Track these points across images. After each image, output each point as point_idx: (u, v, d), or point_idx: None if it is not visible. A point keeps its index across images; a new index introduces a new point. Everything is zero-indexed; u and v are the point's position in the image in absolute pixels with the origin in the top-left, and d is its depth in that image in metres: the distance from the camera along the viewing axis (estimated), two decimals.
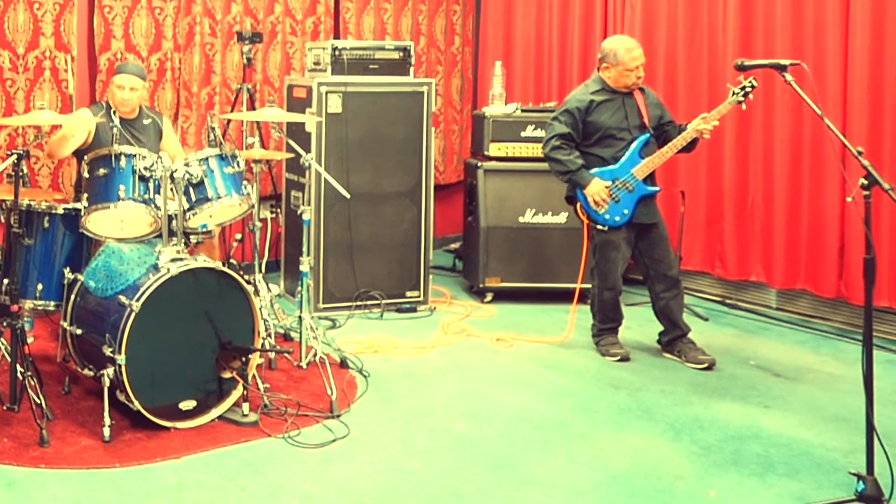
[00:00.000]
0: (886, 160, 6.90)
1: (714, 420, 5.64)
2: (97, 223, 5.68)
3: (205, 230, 5.91)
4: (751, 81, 6.35)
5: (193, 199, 5.76)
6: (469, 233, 8.51)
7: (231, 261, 7.27)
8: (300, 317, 6.43)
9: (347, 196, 6.77)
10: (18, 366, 5.37)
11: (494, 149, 8.32)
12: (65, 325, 5.68)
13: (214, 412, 5.46)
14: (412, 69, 8.00)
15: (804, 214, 7.49)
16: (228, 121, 8.18)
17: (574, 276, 7.40)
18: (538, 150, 7.80)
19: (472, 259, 8.38)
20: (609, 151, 6.68)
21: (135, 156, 5.64)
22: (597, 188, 6.58)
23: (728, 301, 8.17)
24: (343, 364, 6.43)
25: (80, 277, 5.67)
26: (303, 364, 6.35)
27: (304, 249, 6.46)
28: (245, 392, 5.43)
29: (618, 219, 6.62)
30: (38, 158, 7.67)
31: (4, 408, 5.46)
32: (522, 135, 8.29)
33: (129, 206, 5.59)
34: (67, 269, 5.74)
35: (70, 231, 5.86)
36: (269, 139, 8.59)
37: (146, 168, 5.62)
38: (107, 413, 5.17)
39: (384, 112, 7.83)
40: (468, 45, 10.29)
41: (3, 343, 5.65)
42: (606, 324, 6.87)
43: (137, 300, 5.19)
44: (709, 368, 6.51)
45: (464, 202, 8.68)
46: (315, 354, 6.25)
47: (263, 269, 7.02)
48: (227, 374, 5.45)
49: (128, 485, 4.70)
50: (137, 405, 5.19)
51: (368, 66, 7.84)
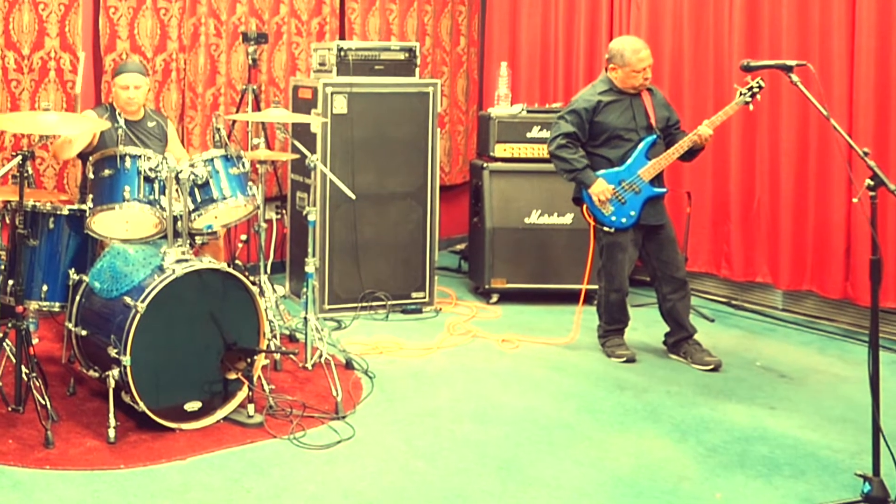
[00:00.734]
0: (892, 161, 6.90)
1: (720, 421, 5.63)
2: (102, 224, 5.69)
3: (210, 231, 5.94)
4: (758, 82, 6.34)
5: (199, 200, 5.75)
6: (475, 234, 8.50)
7: (236, 262, 7.25)
8: (305, 318, 6.41)
9: (353, 197, 6.76)
10: (23, 367, 5.37)
11: (500, 150, 8.31)
12: (70, 327, 5.68)
13: (220, 413, 5.46)
14: (417, 70, 7.99)
15: (810, 215, 7.48)
16: (234, 122, 8.18)
17: (580, 278, 7.41)
18: (544, 151, 7.76)
19: (478, 260, 8.38)
20: (616, 152, 6.66)
21: (140, 157, 5.65)
22: (601, 188, 6.57)
23: (734, 302, 8.15)
24: (348, 365, 6.44)
25: (86, 278, 5.67)
26: (308, 365, 6.35)
27: (310, 250, 6.43)
28: (250, 393, 5.43)
29: (624, 220, 6.60)
30: (44, 159, 7.68)
31: (9, 409, 5.47)
32: (528, 136, 8.29)
33: (135, 207, 5.60)
34: (72, 270, 5.73)
35: (75, 232, 5.84)
36: (275, 140, 8.58)
37: (151, 169, 5.63)
38: (112, 414, 5.18)
39: (390, 113, 7.83)
40: (474, 46, 10.29)
41: (9, 344, 5.65)
42: (613, 325, 6.87)
43: (143, 301, 5.19)
44: (715, 370, 6.50)
45: (469, 203, 8.68)
46: (320, 355, 6.22)
47: (269, 270, 7.03)
48: (233, 376, 5.45)
49: (133, 486, 4.70)
50: (142, 406, 5.19)
51: (374, 67, 7.84)
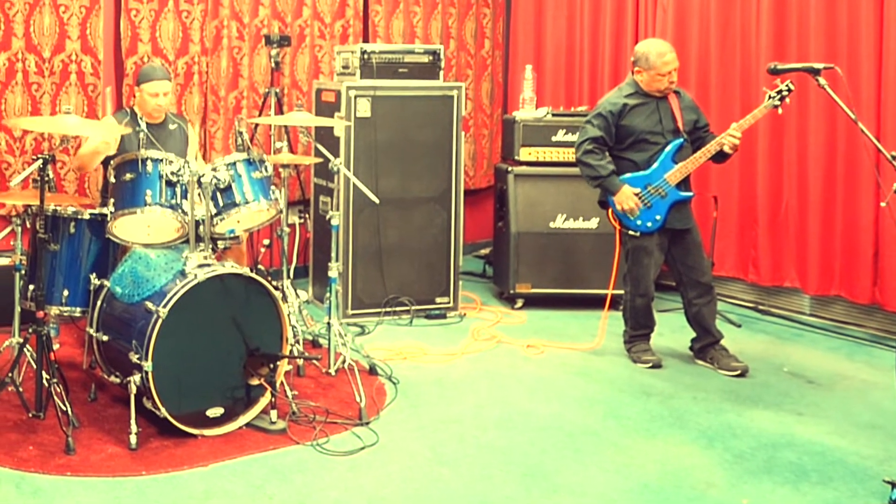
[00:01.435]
0: None
1: (747, 427, 5.61)
2: (124, 228, 5.67)
3: (232, 236, 5.92)
4: (787, 85, 6.27)
5: (221, 205, 5.73)
6: (499, 238, 8.47)
7: (259, 266, 7.24)
8: (329, 323, 6.40)
9: (376, 201, 6.72)
10: (44, 373, 5.34)
11: (525, 153, 8.27)
12: (91, 332, 5.66)
13: (242, 419, 5.44)
14: (442, 73, 7.98)
15: (838, 219, 7.44)
16: (256, 125, 8.17)
17: (605, 282, 7.36)
18: (569, 155, 7.78)
19: (503, 265, 8.34)
20: (642, 156, 6.61)
21: (162, 160, 5.63)
22: (626, 195, 6.52)
23: (761, 307, 8.11)
24: (372, 371, 6.42)
25: (107, 283, 5.65)
26: (331, 371, 6.32)
27: (333, 255, 6.42)
28: (273, 399, 5.41)
29: (650, 224, 6.55)
30: (64, 163, 7.66)
31: (30, 415, 5.45)
32: (553, 139, 8.24)
33: (156, 212, 5.58)
34: (94, 275, 5.71)
35: (96, 236, 5.82)
36: (298, 143, 8.55)
37: (173, 173, 5.61)
38: (133, 420, 5.15)
39: (413, 116, 7.81)
40: (498, 49, 10.26)
41: (29, 350, 5.63)
42: (638, 330, 6.83)
43: (164, 306, 5.17)
44: (742, 375, 6.47)
45: (494, 207, 8.66)
46: (344, 361, 6.19)
47: (292, 275, 7.03)
48: (255, 381, 5.42)
49: (154, 493, 4.69)
50: (164, 412, 5.17)
51: (398, 70, 7.82)
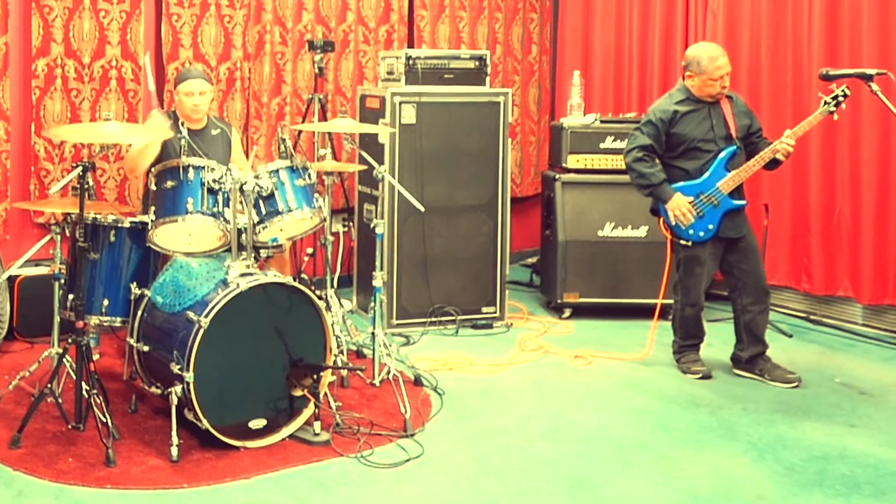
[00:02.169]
0: None
1: (798, 439, 5.58)
2: (165, 237, 5.65)
3: (275, 244, 5.88)
4: (843, 90, 6.15)
5: (263, 213, 5.71)
6: (546, 247, 8.41)
7: (302, 276, 7.22)
8: (373, 333, 6.37)
9: (422, 209, 6.72)
10: (84, 384, 5.34)
11: (573, 160, 8.22)
12: (131, 342, 5.66)
13: (285, 431, 5.41)
14: (488, 79, 7.93)
15: (892, 227, 7.41)
16: (299, 132, 8.17)
17: (654, 292, 7.26)
18: (618, 162, 7.72)
19: (550, 274, 8.29)
20: (694, 164, 6.51)
21: (203, 168, 5.61)
22: (678, 203, 6.42)
23: (812, 317, 8.03)
24: (417, 382, 6.39)
25: (147, 293, 5.64)
26: (376, 382, 6.29)
27: (378, 264, 6.41)
28: (316, 410, 5.39)
29: (702, 234, 6.47)
30: (104, 171, 7.65)
31: (70, 427, 5.42)
32: (601, 146, 8.19)
33: (198, 220, 5.55)
34: (134, 284, 5.70)
35: (137, 245, 5.82)
36: (342, 150, 8.54)
37: (215, 180, 5.59)
38: (174, 432, 5.13)
39: (459, 123, 7.76)
40: (545, 54, 10.21)
41: (69, 360, 5.62)
42: (688, 340, 6.78)
43: (206, 316, 5.14)
44: (796, 387, 6.41)
45: (541, 215, 8.61)
46: (388, 372, 6.19)
47: (335, 285, 7.02)
48: (298, 392, 5.39)
49: None
50: (206, 424, 5.14)
51: (443, 76, 7.77)
